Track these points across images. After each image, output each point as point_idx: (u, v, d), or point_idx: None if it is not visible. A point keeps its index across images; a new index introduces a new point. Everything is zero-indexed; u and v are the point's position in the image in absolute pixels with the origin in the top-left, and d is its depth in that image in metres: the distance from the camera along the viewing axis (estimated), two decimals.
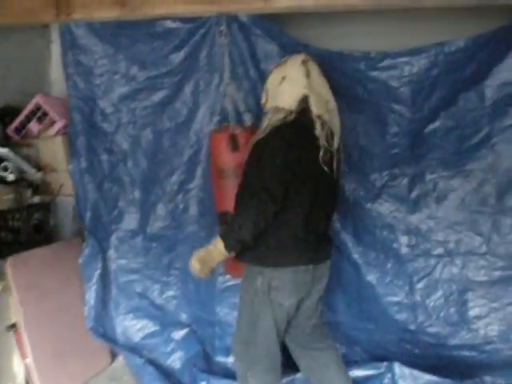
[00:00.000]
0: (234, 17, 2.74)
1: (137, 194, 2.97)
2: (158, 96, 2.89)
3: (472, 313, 2.81)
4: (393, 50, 2.79)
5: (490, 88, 2.71)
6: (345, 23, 2.94)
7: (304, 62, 2.27)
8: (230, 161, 2.53)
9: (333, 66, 2.77)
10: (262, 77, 2.77)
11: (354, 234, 2.85)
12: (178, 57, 2.84)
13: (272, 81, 2.33)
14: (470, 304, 2.81)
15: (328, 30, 2.96)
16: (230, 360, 2.85)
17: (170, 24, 2.82)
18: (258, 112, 2.79)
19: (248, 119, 2.73)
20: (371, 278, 2.86)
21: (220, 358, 2.93)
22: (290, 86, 2.25)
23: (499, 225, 2.77)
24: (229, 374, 2.82)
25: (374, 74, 2.81)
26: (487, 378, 2.70)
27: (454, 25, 2.87)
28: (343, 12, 2.73)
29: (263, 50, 2.80)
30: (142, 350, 2.96)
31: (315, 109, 2.19)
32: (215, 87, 2.83)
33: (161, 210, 2.96)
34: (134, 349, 2.96)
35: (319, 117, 2.18)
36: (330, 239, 2.36)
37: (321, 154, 2.14)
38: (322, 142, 2.15)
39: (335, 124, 2.26)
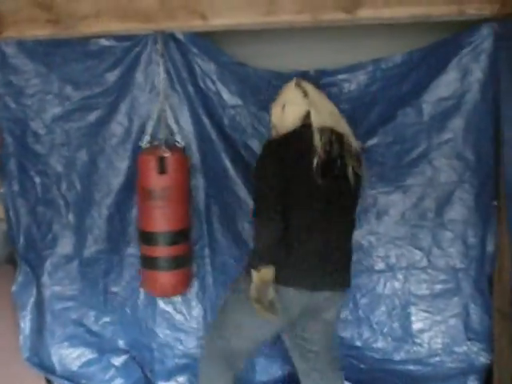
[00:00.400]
0: (171, 35, 2.70)
1: (71, 217, 2.87)
2: (92, 116, 2.80)
3: (415, 326, 2.83)
4: (331, 68, 2.81)
5: (428, 103, 2.74)
6: (282, 41, 2.92)
7: (297, 85, 2.35)
8: (157, 183, 2.54)
9: (272, 85, 2.77)
10: (200, 96, 2.77)
11: None
12: (113, 76, 2.77)
13: (275, 115, 2.41)
14: (413, 318, 2.82)
15: (265, 47, 2.93)
16: None
17: (104, 42, 2.75)
18: (194, 133, 2.79)
19: (181, 140, 2.72)
20: None
21: (161, 383, 2.88)
22: (291, 109, 2.32)
23: (439, 238, 2.79)
24: None
25: None
26: None
27: (391, 41, 2.90)
28: (281, 29, 2.73)
29: (201, 68, 2.76)
30: (80, 378, 2.86)
31: (315, 121, 2.21)
32: (151, 107, 2.76)
33: (97, 233, 2.87)
34: (71, 378, 2.85)
35: (320, 128, 2.19)
36: (343, 264, 2.29)
37: (315, 161, 2.11)
38: (318, 149, 2.13)
39: (343, 127, 2.29)
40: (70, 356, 2.89)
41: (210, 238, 2.86)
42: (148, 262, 2.64)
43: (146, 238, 2.61)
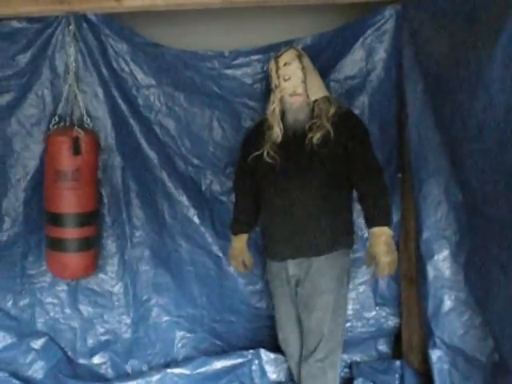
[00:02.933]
0: (83, 16, 2.70)
1: None
2: (4, 99, 2.79)
3: None
4: (245, 49, 2.88)
5: (335, 82, 2.87)
6: (196, 21, 2.99)
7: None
8: (70, 164, 2.56)
9: (187, 65, 2.85)
10: (114, 77, 2.80)
11: (213, 227, 2.90)
12: (24, 58, 2.76)
13: (306, 66, 2.51)
14: None
15: (180, 28, 3.00)
16: (95, 361, 2.92)
17: (16, 24, 2.73)
18: (109, 113, 2.83)
19: (91, 121, 2.75)
20: (232, 269, 2.91)
21: (83, 361, 2.92)
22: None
23: None
24: (94, 375, 2.88)
25: (229, 71, 2.89)
26: (344, 356, 2.85)
27: (302, 23, 3.03)
28: (194, 10, 2.76)
29: (114, 49, 2.79)
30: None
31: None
32: (63, 88, 2.76)
33: (14, 215, 2.85)
34: None
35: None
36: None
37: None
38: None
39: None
40: None
41: (129, 214, 2.91)
42: (56, 244, 2.64)
43: (55, 219, 2.61)
